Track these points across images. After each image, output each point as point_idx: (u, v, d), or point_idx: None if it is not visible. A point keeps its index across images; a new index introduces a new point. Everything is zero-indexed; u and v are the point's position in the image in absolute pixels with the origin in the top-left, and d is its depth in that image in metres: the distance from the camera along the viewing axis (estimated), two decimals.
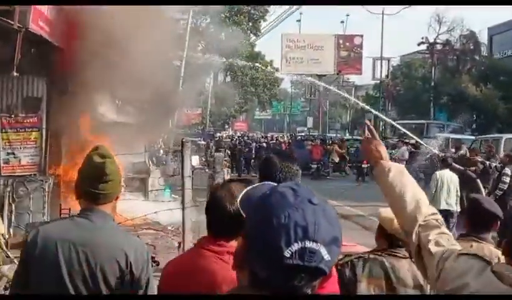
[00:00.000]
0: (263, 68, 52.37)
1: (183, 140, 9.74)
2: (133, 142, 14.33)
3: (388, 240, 3.49)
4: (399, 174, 2.70)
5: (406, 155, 23.16)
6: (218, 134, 47.57)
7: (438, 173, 12.02)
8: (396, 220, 2.93)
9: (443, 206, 11.34)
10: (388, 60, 49.55)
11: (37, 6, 9.65)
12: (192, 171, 20.87)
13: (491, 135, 26.25)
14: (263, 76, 61.70)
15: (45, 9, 10.26)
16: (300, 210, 1.68)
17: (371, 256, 3.58)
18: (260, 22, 61.88)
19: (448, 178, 11.89)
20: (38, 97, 11.56)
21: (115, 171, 3.21)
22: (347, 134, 63.77)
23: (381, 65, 50.64)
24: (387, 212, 3.40)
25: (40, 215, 11.25)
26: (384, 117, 32.74)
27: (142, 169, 16.14)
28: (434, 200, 11.19)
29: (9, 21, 9.14)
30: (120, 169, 3.32)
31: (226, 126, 65.85)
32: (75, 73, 11.81)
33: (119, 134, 13.03)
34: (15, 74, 9.89)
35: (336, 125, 73.83)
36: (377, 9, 51.69)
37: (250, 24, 61.75)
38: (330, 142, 30.57)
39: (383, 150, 2.85)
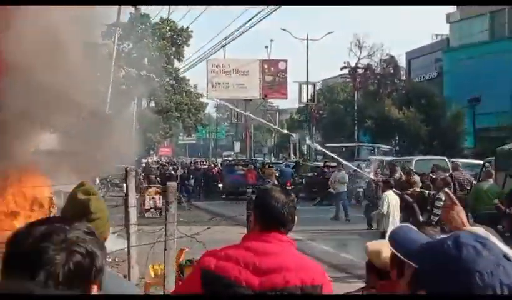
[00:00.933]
0: (191, 89, 52.14)
1: (127, 168, 9.43)
2: (68, 172, 13.71)
3: (378, 274, 3.35)
4: None
5: (346, 179, 23.29)
6: (143, 160, 46.87)
7: (386, 194, 11.83)
8: (383, 253, 3.04)
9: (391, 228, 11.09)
10: (314, 85, 50.23)
11: None
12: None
13: (404, 158, 27.11)
14: (187, 101, 61.45)
15: None
16: (501, 267, 1.58)
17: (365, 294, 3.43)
18: (183, 47, 61.82)
19: (393, 200, 11.86)
20: None
21: (101, 209, 2.97)
22: (273, 158, 64.20)
23: (307, 89, 51.32)
24: (374, 245, 3.37)
25: None
26: (310, 143, 32.79)
27: None
28: (383, 220, 11.10)
29: None
30: (105, 207, 3.07)
31: (152, 151, 65.08)
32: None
33: (52, 164, 12.46)
34: None
35: (264, 149, 74.22)
36: (302, 34, 52.36)
37: (174, 49, 61.59)
38: (265, 165, 30.47)
39: (464, 216, 2.80)
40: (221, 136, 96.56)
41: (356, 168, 21.44)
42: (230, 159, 48.75)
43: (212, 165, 37.66)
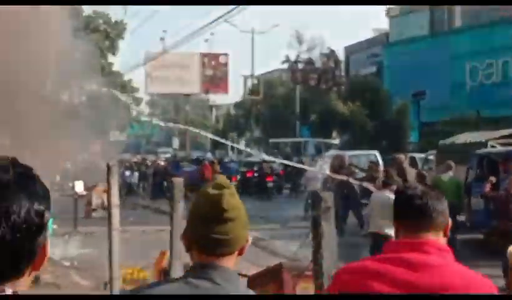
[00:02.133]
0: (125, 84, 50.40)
1: (110, 164, 8.20)
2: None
3: None
4: None
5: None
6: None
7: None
8: None
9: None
10: (259, 79, 49.24)
11: None
12: (75, 199, 18.82)
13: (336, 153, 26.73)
14: (123, 97, 59.43)
15: None
16: None
17: None
18: (117, 40, 59.80)
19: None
20: None
21: (238, 207, 2.23)
22: (209, 154, 62.82)
23: (245, 83, 50.37)
24: None
25: None
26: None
27: None
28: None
29: None
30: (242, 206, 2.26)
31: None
32: None
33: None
34: None
35: (203, 146, 72.80)
36: (247, 26, 51.53)
37: (107, 43, 59.47)
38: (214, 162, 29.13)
39: None
40: (153, 133, 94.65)
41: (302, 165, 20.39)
42: (168, 156, 47.03)
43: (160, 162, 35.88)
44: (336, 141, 36.12)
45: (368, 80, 43.60)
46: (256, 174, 29.32)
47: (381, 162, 22.15)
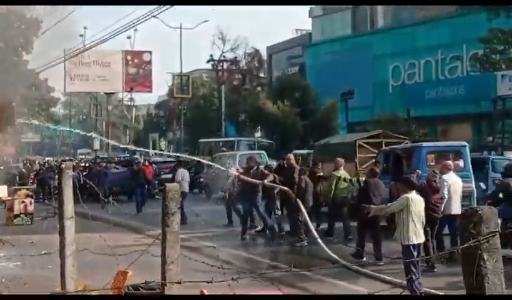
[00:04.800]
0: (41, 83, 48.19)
1: (62, 165, 7.11)
2: None
3: None
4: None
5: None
6: None
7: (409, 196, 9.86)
8: None
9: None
10: (188, 76, 48.11)
11: None
12: None
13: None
14: (37, 96, 57.16)
15: None
16: None
17: None
18: (32, 38, 57.45)
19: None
20: None
21: None
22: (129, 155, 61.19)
23: (173, 82, 49.04)
24: None
25: None
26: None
27: None
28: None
29: None
30: None
31: None
32: None
33: None
34: None
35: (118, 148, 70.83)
36: (176, 22, 50.19)
37: (22, 40, 57.03)
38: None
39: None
40: (69, 134, 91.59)
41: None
42: (90, 157, 45.18)
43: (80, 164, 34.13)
44: (268, 141, 35.52)
45: (295, 79, 43.39)
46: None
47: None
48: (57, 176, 26.33)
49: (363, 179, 14.43)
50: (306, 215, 13.51)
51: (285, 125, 36.26)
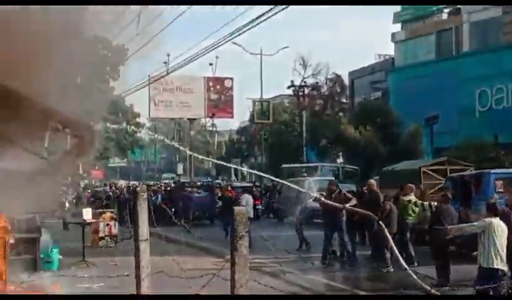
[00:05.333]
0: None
1: (137, 188, 7.18)
2: (24, 195, 11.22)
3: None
4: None
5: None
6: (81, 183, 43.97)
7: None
8: None
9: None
10: (269, 102, 48.49)
11: None
12: (83, 227, 17.82)
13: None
14: (124, 121, 58.72)
15: None
16: None
17: None
18: (118, 66, 59.19)
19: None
20: None
21: None
22: (213, 180, 61.95)
23: (254, 107, 49.39)
24: None
25: None
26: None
27: (30, 227, 12.90)
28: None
29: None
30: None
31: (85, 174, 61.86)
32: None
33: (8, 185, 10.07)
34: None
35: (201, 172, 71.81)
36: (256, 49, 50.66)
37: (108, 68, 58.81)
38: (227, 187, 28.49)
39: None
40: (154, 158, 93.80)
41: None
42: (184, 181, 45.77)
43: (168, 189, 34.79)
44: (353, 167, 35.18)
45: (378, 104, 42.91)
46: None
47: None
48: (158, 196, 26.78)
49: (435, 204, 14.52)
50: (391, 240, 13.29)
51: (367, 151, 35.80)
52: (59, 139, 12.69)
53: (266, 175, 21.87)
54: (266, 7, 18.39)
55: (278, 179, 19.75)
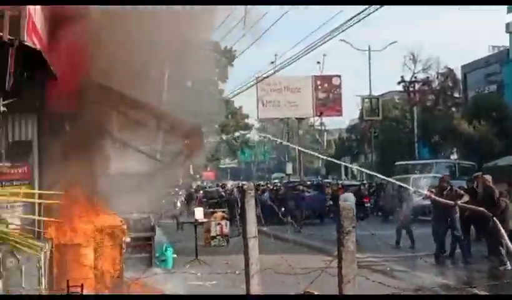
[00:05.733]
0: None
1: (245, 187, 7.30)
2: (139, 195, 11.71)
3: None
4: None
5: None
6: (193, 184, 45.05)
7: None
8: None
9: None
10: (378, 99, 47.89)
11: (31, 13, 7.04)
12: (195, 226, 18.27)
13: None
14: (233, 123, 59.81)
15: (38, 19, 7.66)
16: None
17: None
18: (227, 68, 60.35)
19: None
20: (27, 141, 8.89)
21: None
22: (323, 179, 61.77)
23: (363, 104, 48.81)
24: None
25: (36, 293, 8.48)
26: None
27: (145, 227, 13.39)
28: None
29: None
30: None
31: (196, 175, 63.38)
32: (74, 109, 9.22)
33: (124, 187, 10.56)
34: (2, 108, 7.10)
35: (310, 172, 71.78)
36: (363, 45, 50.34)
37: (217, 70, 60.01)
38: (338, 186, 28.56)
39: None
40: (264, 159, 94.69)
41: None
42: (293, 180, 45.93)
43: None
44: (470, 163, 34.08)
45: (492, 97, 41.31)
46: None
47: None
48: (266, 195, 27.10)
49: None
50: (506, 237, 12.90)
51: (482, 146, 34.55)
52: (170, 141, 13.15)
53: (373, 173, 21.72)
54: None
55: (383, 177, 19.55)
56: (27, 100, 8.55)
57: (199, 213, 19.02)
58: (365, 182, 37.15)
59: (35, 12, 7.57)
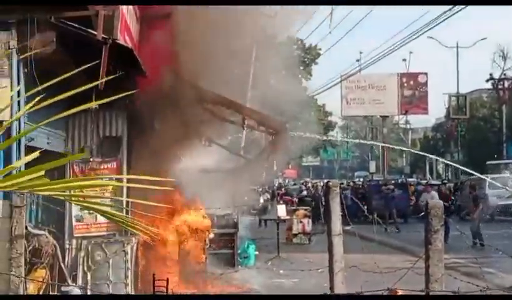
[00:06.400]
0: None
1: (330, 183, 7.28)
2: (224, 192, 11.88)
3: None
4: None
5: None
6: (275, 181, 45.21)
7: None
8: None
9: None
10: (465, 97, 46.66)
11: (124, 12, 7.26)
12: (277, 223, 18.33)
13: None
14: (316, 120, 59.56)
15: (130, 19, 7.90)
16: None
17: None
18: (311, 65, 60.21)
19: None
20: (117, 137, 9.17)
21: None
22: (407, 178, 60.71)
23: (450, 102, 47.60)
24: None
25: (123, 286, 8.76)
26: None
27: (228, 223, 13.56)
28: None
29: (90, 31, 6.78)
30: None
31: (279, 172, 63.57)
32: (161, 106, 9.44)
33: (209, 183, 10.73)
34: (95, 105, 7.36)
35: (394, 170, 70.75)
36: (452, 41, 49.05)
37: (302, 68, 59.99)
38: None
39: None
40: (346, 157, 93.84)
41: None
42: (377, 179, 45.28)
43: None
44: None
45: None
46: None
47: None
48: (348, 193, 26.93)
49: None
50: None
51: None
52: (254, 138, 13.26)
53: (468, 170, 21.30)
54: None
55: (478, 174, 19.11)
56: (118, 97, 8.84)
57: (281, 210, 19.10)
58: (446, 181, 36.26)
59: (128, 12, 7.81)
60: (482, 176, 23.88)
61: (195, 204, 11.37)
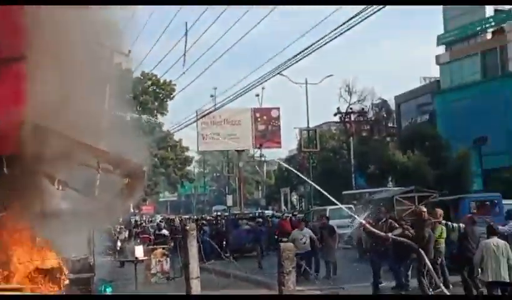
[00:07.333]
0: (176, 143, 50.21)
1: (187, 226, 7.39)
2: (79, 235, 11.61)
3: None
4: None
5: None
6: (132, 219, 44.51)
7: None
8: None
9: None
10: (315, 130, 48.56)
11: None
12: (135, 264, 18.10)
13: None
14: (173, 156, 59.64)
15: None
16: None
17: None
18: (166, 101, 60.39)
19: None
20: None
21: None
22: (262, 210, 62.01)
23: (301, 136, 49.30)
24: None
25: None
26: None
27: (84, 267, 13.18)
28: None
29: None
30: None
31: (135, 210, 62.71)
32: (11, 151, 9.14)
33: (64, 227, 10.47)
34: None
35: (250, 203, 72.03)
36: (301, 78, 50.68)
37: (156, 103, 60.04)
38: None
39: None
40: (204, 191, 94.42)
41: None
42: (235, 212, 45.72)
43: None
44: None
45: (424, 127, 42.56)
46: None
47: None
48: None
49: (463, 226, 15.35)
50: (429, 264, 13.54)
51: (416, 176, 35.38)
52: (110, 180, 13.09)
53: (334, 200, 22.00)
54: (313, 38, 18.42)
55: (339, 204, 19.92)
56: None
57: (139, 251, 18.95)
58: (296, 213, 37.37)
59: None
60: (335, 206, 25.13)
61: (50, 248, 11.02)
